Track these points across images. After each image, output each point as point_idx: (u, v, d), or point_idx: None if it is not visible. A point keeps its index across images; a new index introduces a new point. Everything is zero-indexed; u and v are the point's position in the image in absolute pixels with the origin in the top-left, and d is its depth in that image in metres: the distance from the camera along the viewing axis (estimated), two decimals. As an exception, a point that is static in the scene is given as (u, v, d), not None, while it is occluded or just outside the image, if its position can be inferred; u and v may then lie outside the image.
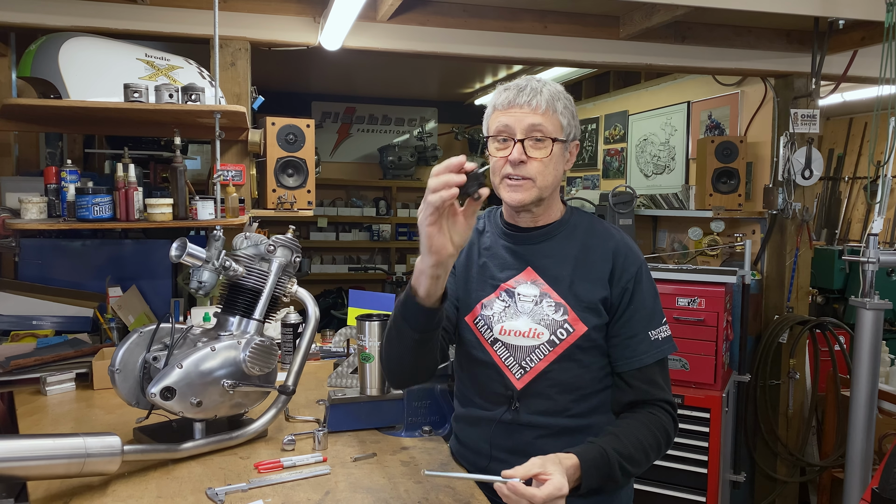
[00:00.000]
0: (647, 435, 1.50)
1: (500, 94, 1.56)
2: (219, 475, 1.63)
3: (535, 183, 1.52)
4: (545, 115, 1.50)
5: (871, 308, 3.01)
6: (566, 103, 1.55)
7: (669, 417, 1.55)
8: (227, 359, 1.75)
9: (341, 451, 1.79)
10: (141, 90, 2.34)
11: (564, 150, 1.57)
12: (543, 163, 1.51)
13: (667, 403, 1.56)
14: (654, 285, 1.59)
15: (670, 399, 1.56)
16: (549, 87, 1.54)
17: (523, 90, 1.52)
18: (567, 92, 1.60)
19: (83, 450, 1.46)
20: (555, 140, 1.52)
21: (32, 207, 2.36)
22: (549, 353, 1.55)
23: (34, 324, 2.77)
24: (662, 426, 1.53)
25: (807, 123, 3.67)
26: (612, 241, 1.59)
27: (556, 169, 1.54)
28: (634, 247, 1.61)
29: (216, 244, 1.80)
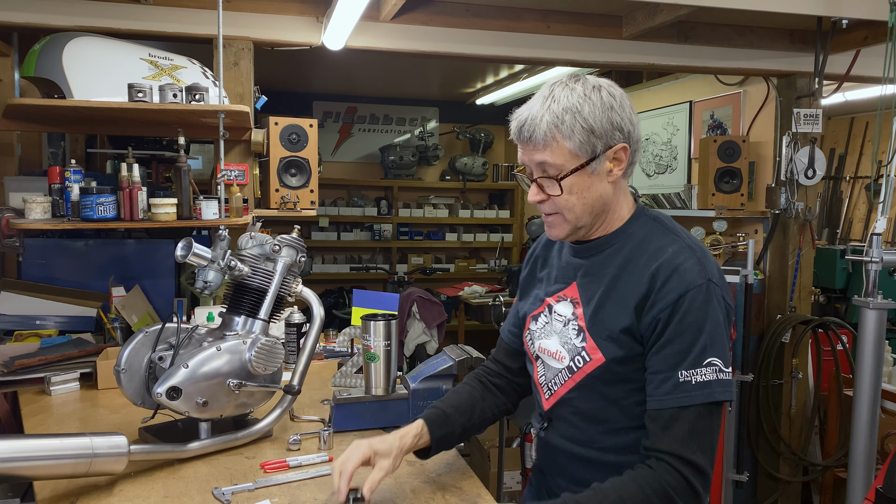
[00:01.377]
0: (633, 493, 1.25)
1: (511, 125, 1.41)
2: (225, 475, 1.63)
3: (565, 217, 1.39)
4: (547, 149, 1.34)
5: (874, 307, 3.01)
6: (578, 118, 1.32)
7: (677, 477, 1.24)
8: (232, 359, 1.76)
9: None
10: (145, 90, 2.34)
11: (594, 171, 1.35)
12: (565, 198, 1.36)
13: (678, 460, 1.24)
14: (705, 317, 1.28)
15: (688, 457, 1.24)
16: (553, 107, 1.33)
17: (523, 124, 1.36)
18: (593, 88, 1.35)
19: (90, 449, 1.46)
20: (562, 177, 1.34)
21: (37, 207, 2.37)
22: (568, 379, 1.42)
23: (38, 324, 2.77)
24: (661, 486, 1.24)
25: (809, 123, 3.67)
26: (657, 260, 1.33)
27: (584, 198, 1.36)
28: (688, 267, 1.31)
29: (221, 244, 1.80)
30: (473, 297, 5.58)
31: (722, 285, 1.34)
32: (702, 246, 1.37)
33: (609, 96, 1.35)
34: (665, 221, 1.43)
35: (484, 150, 7.14)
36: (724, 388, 1.28)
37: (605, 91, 1.36)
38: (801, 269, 3.86)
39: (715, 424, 1.29)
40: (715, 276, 1.32)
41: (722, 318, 1.31)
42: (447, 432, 1.53)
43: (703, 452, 1.26)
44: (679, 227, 1.43)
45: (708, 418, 1.27)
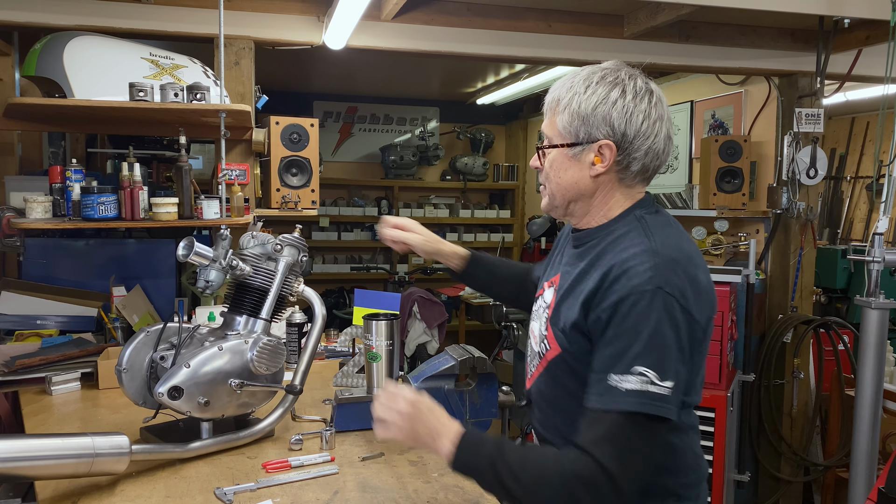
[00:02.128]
0: (549, 466, 1.21)
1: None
2: (227, 475, 1.62)
3: (546, 188, 1.43)
4: (546, 119, 1.40)
5: (876, 307, 3.00)
6: (576, 98, 1.31)
7: (591, 472, 1.17)
8: (234, 358, 1.75)
9: (349, 450, 1.78)
10: (146, 89, 2.33)
11: (574, 156, 1.35)
12: (545, 170, 1.41)
13: (592, 458, 1.18)
14: (644, 324, 1.20)
15: (600, 460, 1.17)
16: (569, 83, 1.35)
17: (550, 88, 1.40)
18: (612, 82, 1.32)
19: (91, 449, 1.46)
20: (542, 146, 1.39)
21: (37, 207, 2.36)
22: (538, 364, 1.45)
23: (38, 323, 2.77)
24: (574, 473, 1.18)
25: (811, 123, 3.66)
26: (616, 258, 1.28)
27: (559, 177, 1.38)
28: (640, 271, 1.23)
29: (223, 243, 1.80)
30: (474, 297, 5.57)
31: (681, 296, 1.23)
32: (673, 255, 1.27)
33: (619, 93, 1.31)
34: (649, 222, 1.35)
35: (485, 149, 7.14)
36: (653, 401, 1.18)
37: (620, 88, 1.31)
38: (802, 268, 3.86)
39: (642, 437, 1.20)
40: (671, 285, 1.22)
41: (669, 330, 1.21)
42: (474, 267, 1.78)
43: (620, 461, 1.18)
44: (662, 231, 1.33)
45: (630, 427, 1.19)
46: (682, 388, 1.24)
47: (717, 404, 3.12)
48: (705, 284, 1.30)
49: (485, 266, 1.80)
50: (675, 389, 1.20)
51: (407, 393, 1.34)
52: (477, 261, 1.79)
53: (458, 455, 1.26)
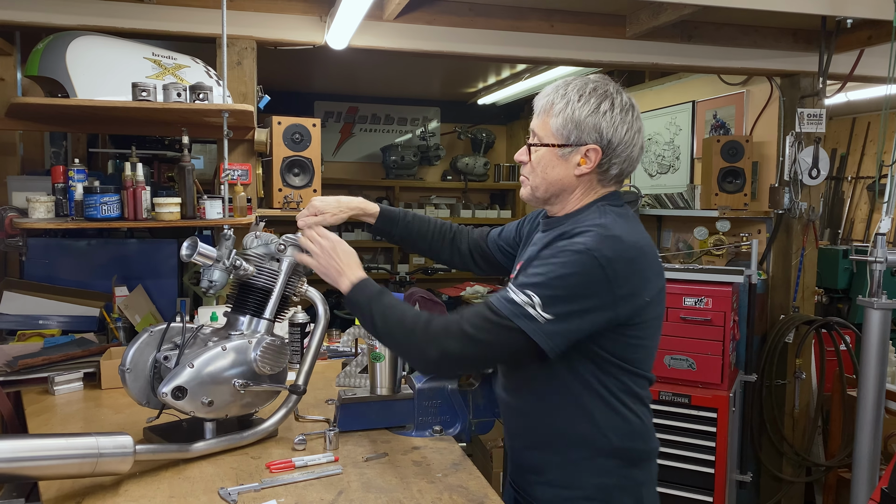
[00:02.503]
0: (412, 311, 1.52)
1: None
2: (231, 475, 1.62)
3: (529, 181, 1.59)
4: (539, 119, 1.55)
5: (878, 308, 3.00)
6: (570, 105, 1.49)
7: (450, 320, 1.45)
8: (238, 358, 1.75)
9: (352, 450, 1.78)
10: (149, 89, 2.33)
11: (563, 156, 1.52)
12: (531, 165, 1.57)
13: (451, 315, 1.47)
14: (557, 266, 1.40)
15: (457, 317, 1.44)
16: (563, 90, 1.52)
17: (538, 94, 1.56)
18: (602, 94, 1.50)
19: (95, 449, 1.45)
20: (533, 145, 1.55)
21: (40, 206, 2.36)
22: None
23: (40, 323, 2.76)
24: (427, 315, 1.48)
25: (813, 123, 3.66)
26: (567, 229, 1.49)
27: (545, 173, 1.55)
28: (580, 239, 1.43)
29: (227, 243, 1.79)
30: (475, 297, 5.57)
31: (608, 264, 1.39)
32: (616, 233, 1.44)
33: (608, 105, 1.49)
34: (608, 210, 1.52)
35: (485, 150, 7.14)
36: (524, 317, 1.38)
37: (609, 100, 1.50)
38: (804, 269, 3.86)
39: (500, 331, 1.40)
40: (600, 252, 1.40)
41: (577, 283, 1.39)
42: (389, 228, 1.92)
43: (473, 327, 1.41)
44: (617, 218, 1.50)
45: (495, 318, 1.41)
46: (568, 337, 1.41)
47: (720, 405, 3.12)
48: (641, 267, 1.47)
49: (397, 221, 1.93)
50: (555, 326, 1.39)
51: (332, 235, 1.69)
52: (387, 216, 1.92)
53: (349, 293, 1.59)
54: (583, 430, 1.52)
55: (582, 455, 1.53)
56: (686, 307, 3.20)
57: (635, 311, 1.46)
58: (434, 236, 1.96)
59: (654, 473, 1.62)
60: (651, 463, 1.61)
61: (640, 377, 1.55)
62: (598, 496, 1.53)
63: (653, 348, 1.58)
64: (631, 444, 1.54)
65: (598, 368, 1.50)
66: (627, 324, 1.46)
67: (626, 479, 1.55)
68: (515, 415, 1.65)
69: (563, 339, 1.41)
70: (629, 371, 1.52)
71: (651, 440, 1.60)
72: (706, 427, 3.14)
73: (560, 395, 1.53)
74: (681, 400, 3.19)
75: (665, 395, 3.21)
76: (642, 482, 1.58)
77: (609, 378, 1.51)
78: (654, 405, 3.20)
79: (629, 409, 1.53)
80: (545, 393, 1.55)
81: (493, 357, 1.54)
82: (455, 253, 1.98)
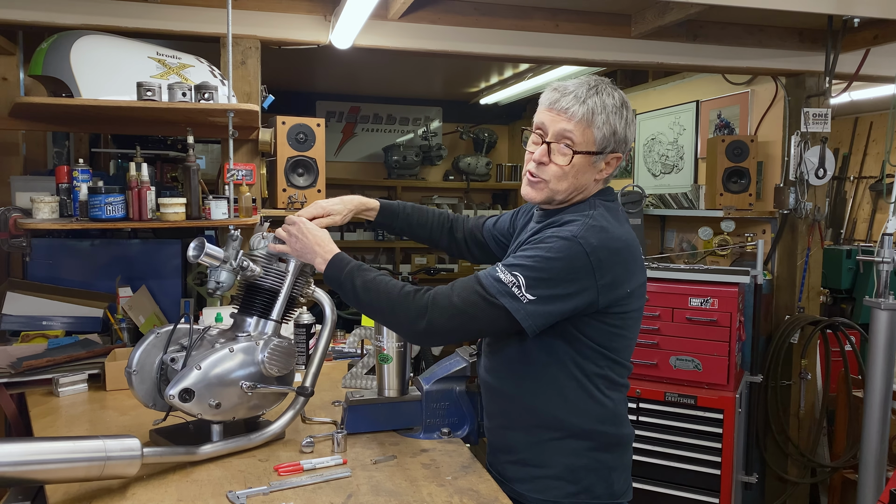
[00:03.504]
0: (394, 281, 1.58)
1: (549, 93, 1.61)
2: (238, 478, 1.61)
3: (549, 185, 1.59)
4: (578, 126, 1.55)
5: (885, 308, 2.99)
6: (610, 118, 1.55)
7: (425, 289, 1.53)
8: (245, 360, 1.74)
9: (360, 453, 1.77)
10: (154, 89, 2.32)
11: (594, 163, 1.58)
12: (563, 170, 1.57)
13: (429, 287, 1.55)
14: (544, 251, 1.49)
15: (437, 289, 1.53)
16: (595, 98, 1.55)
17: (567, 95, 1.56)
18: (625, 103, 1.59)
19: (103, 452, 1.44)
20: (577, 153, 1.55)
21: (44, 207, 2.34)
22: None
23: (44, 324, 2.75)
24: (413, 288, 1.54)
25: (818, 123, 3.65)
26: (558, 220, 1.58)
27: (575, 178, 1.58)
28: (568, 228, 1.52)
29: (234, 244, 1.78)
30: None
31: (592, 252, 1.48)
32: (603, 225, 1.52)
33: (631, 115, 1.60)
34: (599, 205, 1.60)
35: (487, 149, 7.12)
36: (508, 296, 1.46)
37: (630, 110, 1.60)
38: (809, 269, 3.84)
39: (479, 305, 1.48)
40: (586, 240, 1.48)
41: (562, 268, 1.47)
42: (389, 222, 1.97)
43: (461, 300, 1.48)
44: (607, 212, 1.58)
45: (474, 288, 1.49)
46: (548, 319, 1.48)
47: (726, 406, 3.11)
48: (624, 258, 1.54)
49: (397, 215, 1.98)
50: (536, 307, 1.46)
51: (298, 218, 1.74)
52: (387, 210, 1.97)
53: (326, 269, 1.64)
54: (556, 412, 1.59)
55: (553, 435, 1.59)
56: (692, 308, 3.18)
57: (616, 300, 1.53)
58: (433, 226, 2.02)
59: (626, 460, 1.68)
60: (623, 449, 1.66)
61: (618, 364, 1.62)
62: (567, 476, 1.59)
63: (632, 339, 1.65)
64: (602, 427, 1.60)
65: (576, 353, 1.57)
66: (607, 311, 1.54)
67: (596, 462, 1.60)
68: (494, 395, 1.71)
69: (543, 319, 1.48)
70: (608, 357, 1.59)
71: (623, 426, 1.65)
72: (712, 428, 3.13)
73: (537, 377, 1.60)
74: (687, 401, 3.17)
75: (671, 395, 3.20)
76: (613, 467, 1.63)
77: (587, 362, 1.58)
78: (660, 406, 3.22)
79: (603, 393, 1.60)
80: (524, 374, 1.61)
81: (477, 329, 1.59)
82: (452, 242, 2.03)
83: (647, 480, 3.24)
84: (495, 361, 1.68)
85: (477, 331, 1.60)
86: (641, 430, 3.26)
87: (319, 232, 1.71)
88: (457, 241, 2.02)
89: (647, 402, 3.25)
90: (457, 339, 1.55)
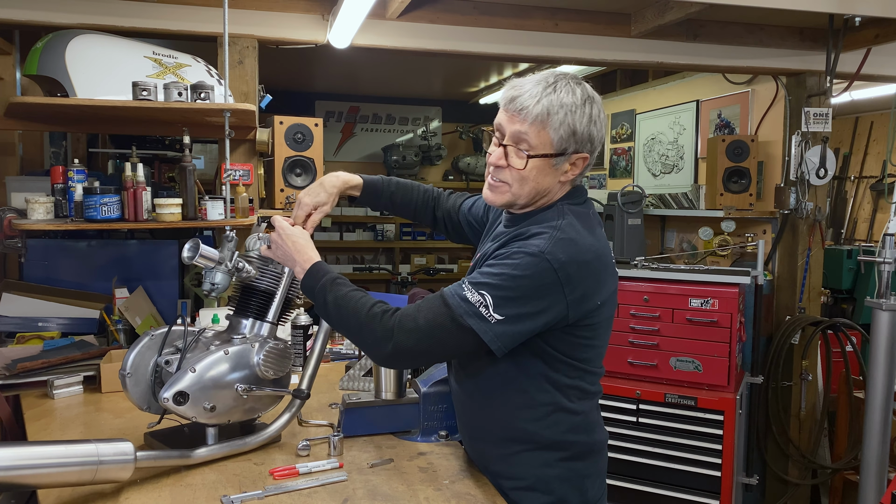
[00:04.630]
0: (365, 299, 1.50)
1: (506, 90, 1.52)
2: (233, 482, 1.59)
3: (510, 189, 1.52)
4: (533, 127, 1.46)
5: (887, 309, 2.97)
6: (568, 117, 1.45)
7: (394, 315, 1.45)
8: (240, 362, 1.72)
9: (357, 456, 1.75)
10: (150, 88, 2.30)
11: (555, 165, 1.49)
12: (521, 174, 1.49)
13: (397, 308, 1.48)
14: (509, 267, 1.41)
15: (402, 311, 1.46)
16: (553, 97, 1.45)
17: (521, 95, 1.47)
18: (588, 98, 1.49)
19: (96, 457, 1.42)
20: (532, 156, 1.47)
21: (39, 207, 2.33)
22: None
23: (40, 325, 2.73)
24: (380, 309, 1.47)
25: (819, 122, 3.63)
26: (524, 232, 1.49)
27: (537, 182, 1.50)
28: (533, 241, 1.44)
29: (229, 245, 1.76)
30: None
31: (560, 268, 1.41)
32: (571, 236, 1.45)
33: (597, 111, 1.50)
34: (567, 211, 1.52)
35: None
36: (475, 316, 1.40)
37: (596, 105, 1.50)
38: (810, 269, 3.82)
39: (445, 328, 1.42)
40: (554, 256, 1.40)
41: (529, 286, 1.40)
42: (373, 200, 1.92)
43: (427, 322, 1.42)
44: (575, 219, 1.50)
45: (441, 309, 1.43)
46: (516, 338, 1.43)
47: (727, 407, 3.09)
48: (595, 270, 1.47)
49: (380, 193, 1.92)
50: (504, 327, 1.40)
51: (285, 226, 1.67)
52: (370, 189, 1.90)
53: (303, 279, 1.59)
54: (525, 425, 1.55)
55: (523, 447, 1.56)
56: (692, 308, 3.17)
57: (586, 313, 1.48)
58: (418, 205, 1.98)
59: (600, 466, 1.65)
60: (597, 455, 1.63)
61: (589, 373, 1.58)
62: (540, 487, 1.56)
63: (602, 347, 1.60)
64: (574, 436, 1.56)
65: (547, 366, 1.52)
66: (578, 324, 1.48)
67: (568, 471, 1.56)
68: (464, 407, 1.67)
69: (511, 339, 1.43)
70: (578, 368, 1.54)
71: (595, 432, 1.62)
72: (713, 430, 3.11)
73: (506, 390, 1.55)
74: (687, 402, 3.15)
75: (671, 397, 3.18)
76: (586, 474, 1.59)
77: (558, 375, 1.53)
78: (660, 407, 3.20)
79: (575, 403, 1.56)
80: (493, 387, 1.57)
81: (444, 352, 1.56)
82: (434, 220, 2.00)
83: (647, 482, 3.22)
84: (464, 374, 1.64)
85: (444, 354, 1.58)
86: (641, 432, 3.25)
87: (300, 238, 1.65)
88: (436, 218, 1.99)
89: (647, 404, 3.23)
90: (426, 362, 1.52)
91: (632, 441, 3.26)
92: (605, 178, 5.67)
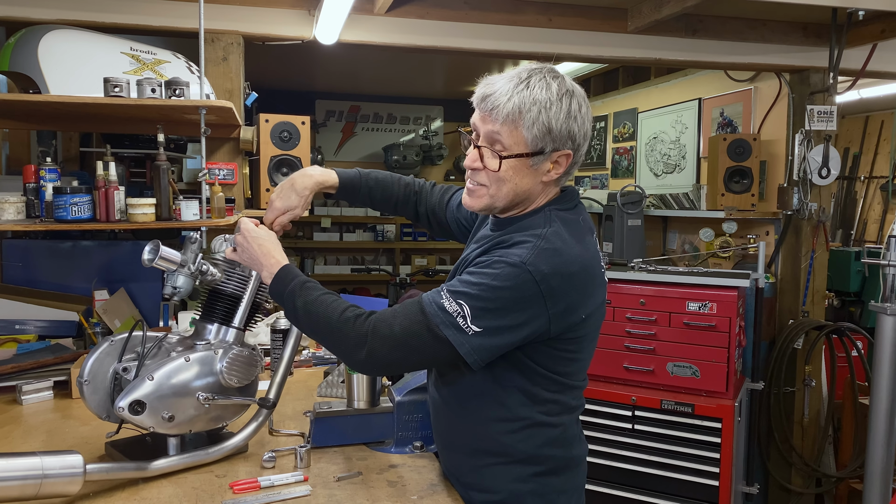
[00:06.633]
0: (337, 304, 1.43)
1: (479, 87, 1.42)
2: (191, 496, 1.51)
3: (488, 191, 1.44)
4: (505, 127, 1.36)
5: (892, 313, 2.88)
6: (542, 114, 1.35)
7: (367, 320, 1.38)
8: (202, 370, 1.64)
9: (325, 468, 1.67)
10: (121, 84, 2.23)
11: (533, 165, 1.39)
12: (497, 175, 1.40)
13: (371, 313, 1.41)
14: (489, 277, 1.33)
15: (376, 315, 1.39)
16: (525, 94, 1.35)
17: (493, 94, 1.37)
18: (566, 93, 1.38)
19: (39, 470, 1.35)
20: (505, 157, 1.38)
21: (9, 207, 2.26)
22: None
23: (17, 328, 2.66)
24: (354, 313, 1.40)
25: (823, 120, 3.52)
26: (509, 239, 1.40)
27: (515, 183, 1.41)
28: (515, 251, 1.35)
29: (192, 247, 1.68)
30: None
31: (542, 280, 1.32)
32: (556, 246, 1.36)
33: (577, 106, 1.39)
34: (554, 217, 1.43)
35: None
36: (452, 327, 1.33)
37: (576, 99, 1.39)
38: (814, 271, 3.72)
39: (420, 334, 1.35)
40: (536, 267, 1.32)
41: (510, 298, 1.32)
42: (351, 197, 1.84)
43: (403, 330, 1.35)
44: (562, 227, 1.41)
45: (417, 317, 1.36)
46: (494, 352, 1.35)
47: (724, 414, 2.99)
48: (581, 281, 1.38)
49: (357, 190, 1.83)
50: (482, 339, 1.33)
51: (251, 228, 1.60)
52: (346, 187, 1.82)
53: (271, 284, 1.51)
54: (500, 437, 1.47)
55: (497, 460, 1.48)
56: (689, 312, 3.07)
57: (569, 326, 1.40)
58: (398, 201, 1.89)
59: (578, 482, 1.57)
60: (574, 472, 1.55)
61: (570, 388, 1.50)
62: (511, 501, 1.48)
63: (586, 360, 1.53)
64: (550, 451, 1.49)
65: (526, 380, 1.44)
66: (560, 338, 1.40)
67: (543, 487, 1.49)
68: (439, 414, 1.59)
69: (489, 353, 1.36)
70: (559, 382, 1.46)
71: (574, 447, 1.54)
72: (710, 437, 3.01)
73: (482, 401, 1.48)
74: (684, 409, 3.06)
75: (667, 403, 3.08)
76: (562, 490, 1.52)
77: (537, 388, 1.45)
78: (657, 414, 3.11)
79: (553, 417, 1.48)
80: (469, 397, 1.49)
81: (420, 361, 1.48)
82: (415, 215, 1.92)
83: (643, 491, 3.13)
84: (441, 381, 1.56)
85: (419, 363, 1.50)
86: (637, 439, 3.15)
87: (266, 241, 1.56)
88: (418, 213, 1.90)
89: (643, 410, 3.14)
90: (400, 370, 1.44)
91: (627, 448, 3.16)
92: (608, 177, 5.57)
